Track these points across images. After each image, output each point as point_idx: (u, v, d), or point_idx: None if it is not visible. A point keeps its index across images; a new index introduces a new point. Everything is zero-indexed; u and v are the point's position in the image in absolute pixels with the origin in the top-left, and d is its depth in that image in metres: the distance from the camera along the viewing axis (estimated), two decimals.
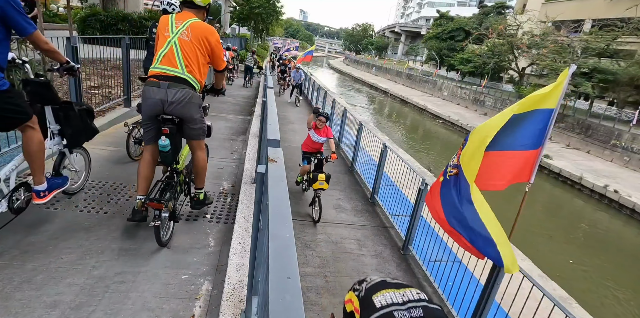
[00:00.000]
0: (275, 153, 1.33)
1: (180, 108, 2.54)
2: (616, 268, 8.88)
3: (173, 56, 2.54)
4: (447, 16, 44.28)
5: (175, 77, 2.52)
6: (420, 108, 27.52)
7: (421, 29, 63.33)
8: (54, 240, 2.62)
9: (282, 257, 0.72)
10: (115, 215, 3.11)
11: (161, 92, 2.49)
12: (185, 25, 2.57)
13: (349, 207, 5.29)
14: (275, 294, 0.61)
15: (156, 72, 2.54)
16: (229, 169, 4.69)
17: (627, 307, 7.31)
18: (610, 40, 19.39)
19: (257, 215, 1.60)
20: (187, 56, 2.55)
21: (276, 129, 1.65)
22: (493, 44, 25.81)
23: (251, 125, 6.74)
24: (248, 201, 3.34)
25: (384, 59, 64.07)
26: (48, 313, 1.99)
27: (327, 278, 3.63)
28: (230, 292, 2.13)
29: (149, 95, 2.52)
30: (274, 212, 0.91)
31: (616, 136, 15.70)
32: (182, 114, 2.58)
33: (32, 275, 2.26)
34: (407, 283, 1.29)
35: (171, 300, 2.24)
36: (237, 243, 2.64)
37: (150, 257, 2.61)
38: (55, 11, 24.01)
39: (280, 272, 0.67)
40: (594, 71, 18.53)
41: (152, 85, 2.52)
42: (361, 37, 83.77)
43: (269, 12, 30.97)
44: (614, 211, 12.05)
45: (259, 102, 8.68)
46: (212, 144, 5.66)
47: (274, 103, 2.51)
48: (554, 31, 22.89)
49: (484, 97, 25.20)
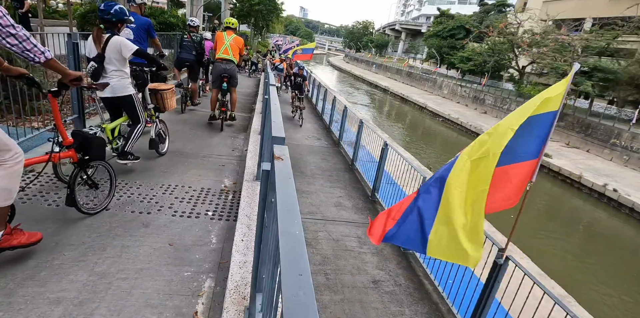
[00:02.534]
0: (281, 151, 1.33)
1: (230, 71, 6.04)
2: (615, 267, 8.92)
3: (227, 50, 5.98)
4: (448, 14, 44.16)
5: (228, 59, 6.00)
6: (420, 106, 27.50)
7: (421, 26, 63.18)
8: (56, 237, 2.63)
9: (293, 254, 0.72)
10: (118, 211, 3.12)
11: (223, 64, 5.99)
12: (232, 37, 6.07)
13: (350, 205, 5.30)
14: (289, 291, 0.61)
15: (221, 57, 5.99)
16: (230, 166, 4.69)
17: (624, 304, 7.35)
18: (610, 39, 19.36)
19: (262, 212, 1.60)
20: (232, 50, 6.01)
21: (281, 127, 1.65)
22: (493, 42, 25.77)
23: (252, 122, 6.73)
24: (250, 199, 3.34)
25: (384, 57, 63.93)
26: (51, 310, 2.00)
27: (328, 276, 3.65)
28: (233, 289, 2.13)
29: (218, 66, 6.02)
30: (283, 210, 0.91)
31: (616, 135, 15.72)
32: (231, 74, 6.07)
33: (35, 271, 2.26)
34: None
35: (174, 296, 2.25)
36: (240, 240, 2.64)
37: (152, 254, 2.62)
38: (54, 7, 23.89)
39: (292, 269, 0.67)
40: (594, 70, 18.51)
41: (220, 62, 6.01)
42: (361, 34, 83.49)
43: (269, 9, 30.88)
44: (613, 210, 12.09)
45: (259, 100, 8.67)
46: (213, 141, 5.67)
47: (277, 100, 2.51)
48: (555, 30, 22.86)
49: (484, 96, 25.19)
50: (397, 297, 3.47)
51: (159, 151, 4.52)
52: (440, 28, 41.40)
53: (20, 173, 2.09)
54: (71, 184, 2.66)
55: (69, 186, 2.67)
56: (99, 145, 2.93)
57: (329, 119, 9.91)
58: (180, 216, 3.22)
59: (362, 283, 3.62)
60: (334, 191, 5.71)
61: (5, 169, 1.98)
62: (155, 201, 3.42)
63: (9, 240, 2.19)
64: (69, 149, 2.75)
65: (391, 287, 3.61)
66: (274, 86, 3.35)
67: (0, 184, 1.98)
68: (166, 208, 3.33)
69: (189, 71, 7.25)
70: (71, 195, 2.67)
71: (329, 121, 9.97)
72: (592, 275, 8.29)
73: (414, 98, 29.14)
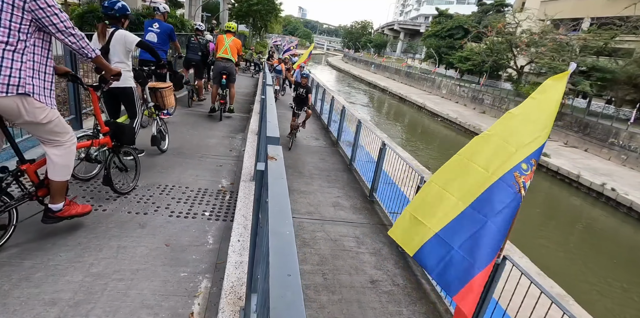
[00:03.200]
0: (275, 151, 1.33)
1: (229, 69, 6.82)
2: (614, 266, 8.93)
3: (226, 51, 6.71)
4: (446, 14, 44.18)
5: (227, 58, 6.74)
6: (418, 106, 27.51)
7: (420, 26, 63.21)
8: (52, 238, 2.62)
9: (283, 254, 0.72)
10: (114, 212, 3.11)
11: (222, 63, 6.76)
12: (231, 39, 6.84)
13: (348, 205, 5.29)
14: (276, 291, 0.61)
15: (221, 56, 6.75)
16: (227, 166, 4.68)
17: (624, 304, 7.36)
18: (608, 38, 19.39)
19: (257, 212, 1.59)
20: (231, 51, 6.75)
21: (275, 127, 1.64)
22: (492, 42, 25.79)
23: (250, 122, 6.73)
24: (247, 199, 3.34)
25: (382, 56, 63.94)
26: (47, 311, 1.99)
27: (326, 276, 3.64)
28: (229, 290, 2.13)
29: (218, 64, 6.81)
30: (274, 209, 0.90)
31: (614, 135, 15.74)
32: (229, 71, 6.82)
33: (31, 272, 2.25)
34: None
35: (170, 297, 2.24)
36: (236, 240, 2.64)
37: (148, 255, 2.61)
38: None
39: (281, 269, 0.67)
40: (592, 70, 18.54)
41: (220, 61, 6.79)
42: (360, 34, 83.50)
43: (268, 9, 30.83)
44: (611, 209, 12.11)
45: (257, 100, 8.66)
46: (210, 141, 5.66)
47: (273, 101, 2.50)
48: (553, 29, 22.88)
49: (483, 96, 25.21)
50: (395, 297, 3.46)
51: (161, 148, 4.65)
52: (439, 28, 41.40)
53: (75, 152, 2.48)
54: (107, 167, 3.11)
55: (105, 168, 3.11)
56: (130, 133, 3.40)
57: (328, 119, 9.90)
58: (177, 217, 3.21)
59: (360, 283, 3.61)
60: (332, 191, 5.70)
61: (65, 149, 2.36)
62: (152, 201, 3.41)
63: (69, 210, 2.56)
64: (105, 136, 3.15)
65: (389, 286, 3.60)
66: (271, 86, 3.34)
67: (62, 162, 2.35)
68: (163, 208, 3.32)
69: (195, 69, 7.93)
70: (107, 176, 3.10)
71: (327, 121, 9.96)
72: (592, 274, 8.30)
73: (412, 98, 29.15)
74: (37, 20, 2.04)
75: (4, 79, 1.95)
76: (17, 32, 2.00)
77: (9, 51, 1.98)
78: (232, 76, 6.90)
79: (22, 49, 2.02)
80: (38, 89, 2.10)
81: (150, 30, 5.71)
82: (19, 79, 2.00)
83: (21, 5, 1.98)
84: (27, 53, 2.04)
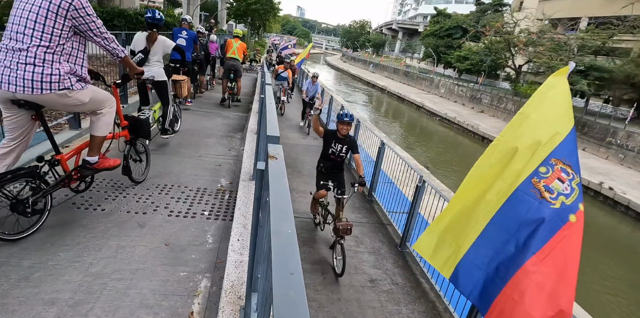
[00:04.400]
0: (275, 150, 1.33)
1: (236, 66, 8.30)
2: (613, 266, 8.97)
3: (234, 52, 8.21)
4: (445, 13, 44.23)
5: (235, 58, 8.27)
6: (417, 105, 27.55)
7: (418, 26, 63.25)
8: (51, 238, 2.61)
9: (285, 253, 0.72)
10: (113, 212, 3.10)
11: (231, 61, 8.28)
12: (238, 43, 8.31)
13: (347, 204, 5.29)
14: (279, 290, 0.61)
15: (230, 56, 8.27)
16: (226, 166, 4.68)
17: (622, 302, 7.39)
18: (606, 38, 19.47)
19: (257, 211, 1.59)
20: (239, 52, 8.27)
21: (275, 126, 1.64)
22: (490, 41, 25.84)
23: (249, 122, 6.72)
24: (246, 198, 3.33)
25: (381, 56, 63.95)
26: (46, 311, 1.98)
27: (325, 275, 3.64)
28: (229, 289, 2.13)
29: (228, 63, 8.35)
30: (275, 208, 0.91)
31: (611, 134, 15.81)
32: (237, 68, 8.30)
33: (30, 272, 2.25)
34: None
35: (170, 297, 2.24)
36: (236, 240, 2.63)
37: (148, 254, 2.61)
38: None
39: (283, 268, 0.67)
40: (590, 69, 18.61)
41: (229, 60, 8.30)
42: (358, 34, 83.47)
43: (266, 9, 30.74)
44: (608, 208, 12.16)
45: (256, 99, 8.66)
46: (209, 141, 5.65)
47: (272, 99, 2.50)
48: (551, 29, 22.96)
49: (481, 95, 25.26)
50: (394, 296, 3.47)
51: (174, 130, 5.23)
52: (437, 27, 41.45)
53: (114, 112, 2.90)
54: (126, 158, 3.41)
55: (124, 158, 3.39)
56: (146, 126, 3.70)
57: (326, 119, 9.90)
58: (176, 216, 3.21)
59: (359, 282, 3.62)
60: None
61: (107, 110, 2.79)
62: (151, 201, 3.40)
63: (102, 163, 2.94)
64: (124, 129, 3.41)
65: (388, 285, 3.61)
66: (269, 85, 3.34)
67: (105, 120, 2.79)
68: (162, 208, 3.31)
69: (198, 66, 8.96)
70: (127, 166, 3.40)
71: (326, 120, 9.96)
72: (590, 274, 8.34)
73: (411, 97, 29.18)
74: (76, 26, 2.38)
75: (45, 77, 2.29)
76: (58, 37, 2.31)
77: (50, 53, 2.30)
78: (239, 72, 8.46)
79: (60, 51, 2.34)
80: (75, 79, 2.44)
81: (180, 36, 7.10)
82: (59, 76, 2.34)
83: (64, 14, 2.29)
84: (64, 54, 2.37)
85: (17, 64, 2.26)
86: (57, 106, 2.55)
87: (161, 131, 4.81)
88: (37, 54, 2.27)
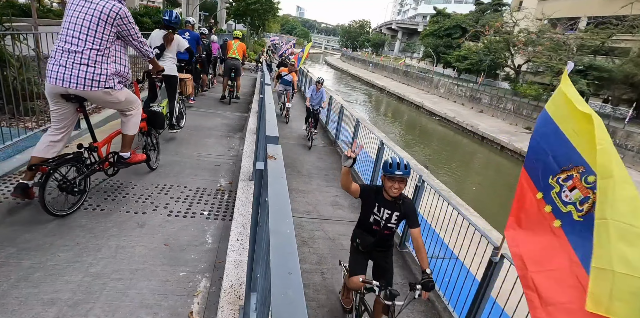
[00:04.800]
0: (274, 150, 1.33)
1: (236, 65, 8.84)
2: None
3: (234, 52, 8.79)
4: (444, 13, 44.23)
5: (235, 58, 8.84)
6: (416, 105, 27.55)
7: (418, 26, 63.25)
8: (51, 238, 2.61)
9: (283, 253, 0.72)
10: (112, 212, 3.10)
11: (232, 61, 8.82)
12: (238, 43, 8.88)
13: (346, 204, 5.30)
14: (277, 290, 0.61)
15: (230, 56, 8.83)
16: (225, 166, 4.68)
17: None
18: (605, 38, 19.49)
19: (256, 211, 1.60)
20: (239, 52, 8.85)
21: (274, 126, 1.64)
22: (489, 41, 25.87)
23: (248, 122, 6.73)
24: (246, 198, 3.34)
25: (380, 56, 63.96)
26: (46, 311, 1.99)
27: (325, 275, 3.65)
28: (229, 289, 2.13)
29: (228, 62, 8.89)
30: (274, 208, 0.91)
31: (610, 134, 15.82)
32: (237, 67, 8.84)
33: (29, 272, 2.25)
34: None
35: (169, 296, 2.24)
36: (235, 240, 2.64)
37: (147, 254, 2.61)
38: (49, 7, 23.70)
39: (282, 268, 0.67)
40: (589, 69, 18.64)
41: (230, 59, 8.86)
42: (358, 34, 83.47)
43: (265, 9, 30.72)
44: None
45: (255, 99, 8.66)
46: (209, 141, 5.65)
47: (271, 100, 2.50)
48: (550, 29, 22.98)
49: (480, 95, 25.27)
50: None
51: (180, 125, 5.56)
52: (437, 27, 41.46)
53: (140, 113, 3.35)
54: (145, 147, 3.90)
55: (144, 148, 3.89)
56: (161, 119, 4.13)
57: (326, 119, 9.91)
58: (175, 216, 3.21)
59: None
60: (330, 190, 5.71)
61: (135, 111, 3.24)
62: (150, 201, 3.41)
63: (133, 158, 3.42)
64: (142, 121, 3.64)
65: None
66: (269, 85, 3.34)
67: (133, 120, 3.26)
68: (161, 208, 3.32)
69: (200, 66, 9.45)
70: (147, 154, 3.80)
71: (325, 120, 9.97)
72: None
73: (410, 97, 29.19)
74: (119, 32, 2.84)
75: (95, 77, 2.71)
76: (106, 42, 2.75)
77: (100, 55, 2.72)
78: (238, 71, 9.02)
79: (107, 53, 2.77)
80: (118, 79, 2.89)
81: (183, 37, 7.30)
82: (106, 76, 2.76)
83: (111, 22, 2.74)
84: (110, 56, 2.81)
85: (72, 64, 2.65)
86: (98, 101, 3.04)
87: (169, 126, 5.16)
88: (90, 56, 2.67)
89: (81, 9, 2.68)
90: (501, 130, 19.01)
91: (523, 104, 20.74)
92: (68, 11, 2.72)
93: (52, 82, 2.67)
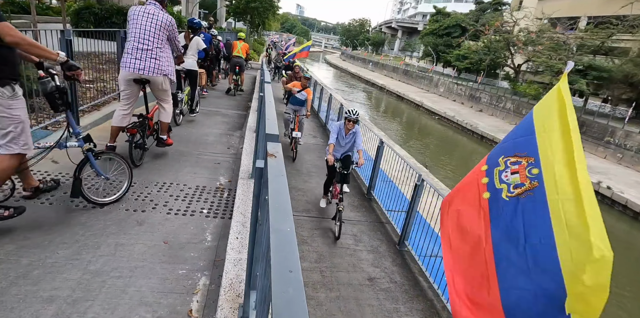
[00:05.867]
0: (274, 148, 1.33)
1: (240, 63, 10.24)
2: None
3: (238, 51, 10.34)
4: (444, 12, 44.15)
5: (239, 56, 10.33)
6: (416, 104, 27.54)
7: (418, 24, 63.16)
8: (50, 235, 2.61)
9: (284, 251, 0.72)
10: (111, 210, 3.10)
11: (236, 59, 10.28)
12: (242, 44, 10.48)
13: (346, 203, 5.29)
14: (278, 287, 0.61)
15: (235, 55, 10.35)
16: (225, 164, 4.68)
17: (621, 301, 7.43)
18: (605, 37, 19.47)
19: (256, 209, 1.60)
20: (243, 51, 10.39)
21: (274, 124, 1.64)
22: (489, 40, 25.84)
23: (247, 120, 6.71)
24: (245, 196, 3.33)
25: (380, 54, 63.87)
26: (45, 308, 1.98)
27: (324, 273, 3.65)
28: (228, 287, 2.13)
29: (233, 60, 10.30)
30: (275, 206, 0.91)
31: (610, 133, 15.84)
32: (240, 64, 10.26)
33: (28, 270, 2.25)
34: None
35: (168, 294, 2.24)
36: (235, 238, 2.64)
37: (147, 252, 2.61)
38: (48, 4, 23.62)
39: (282, 266, 0.67)
40: (588, 68, 18.62)
41: (235, 57, 10.33)
42: (358, 32, 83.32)
43: (265, 7, 30.66)
44: (606, 207, 12.20)
45: (255, 97, 8.64)
46: (209, 139, 5.65)
47: (271, 98, 2.50)
48: (550, 28, 22.95)
49: (480, 94, 25.27)
50: (393, 294, 3.48)
51: (195, 111, 6.74)
52: (437, 26, 41.40)
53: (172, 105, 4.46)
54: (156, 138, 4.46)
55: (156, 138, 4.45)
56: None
57: (325, 117, 9.90)
58: (175, 214, 3.21)
59: (357, 280, 3.63)
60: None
61: (169, 102, 4.31)
62: (149, 199, 3.40)
63: (168, 141, 4.48)
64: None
65: (386, 284, 3.62)
66: (269, 83, 3.34)
67: (168, 110, 4.31)
68: (161, 206, 3.31)
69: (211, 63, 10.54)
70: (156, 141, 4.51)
71: (324, 119, 9.95)
72: None
73: (410, 96, 29.17)
74: (169, 36, 3.93)
75: (159, 66, 3.82)
76: (162, 42, 3.87)
77: (161, 52, 3.84)
78: (242, 67, 10.43)
79: (163, 50, 3.88)
80: (169, 70, 3.96)
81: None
82: (165, 67, 3.89)
83: (165, 28, 3.85)
84: (165, 51, 3.91)
85: (145, 57, 3.74)
86: (156, 85, 3.93)
87: (190, 111, 6.49)
88: (157, 52, 3.79)
89: (146, 19, 3.74)
90: (500, 129, 19.02)
91: (522, 104, 20.75)
92: (135, 21, 3.72)
93: (129, 70, 3.70)
